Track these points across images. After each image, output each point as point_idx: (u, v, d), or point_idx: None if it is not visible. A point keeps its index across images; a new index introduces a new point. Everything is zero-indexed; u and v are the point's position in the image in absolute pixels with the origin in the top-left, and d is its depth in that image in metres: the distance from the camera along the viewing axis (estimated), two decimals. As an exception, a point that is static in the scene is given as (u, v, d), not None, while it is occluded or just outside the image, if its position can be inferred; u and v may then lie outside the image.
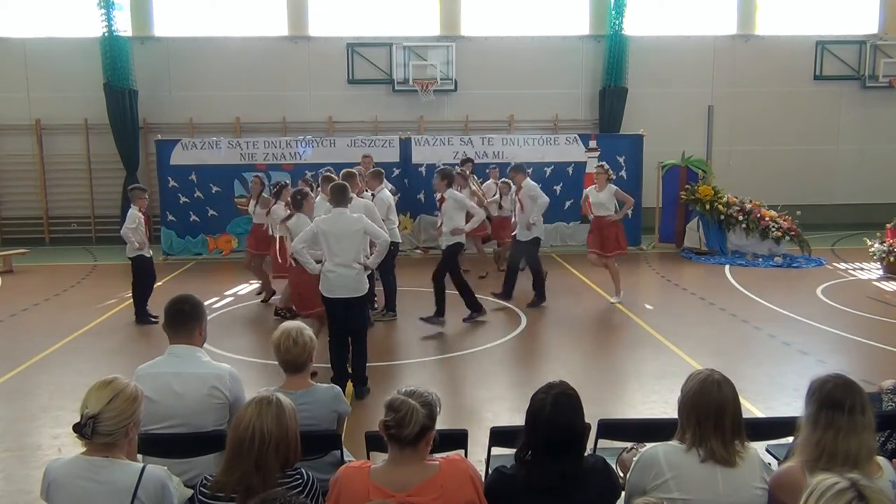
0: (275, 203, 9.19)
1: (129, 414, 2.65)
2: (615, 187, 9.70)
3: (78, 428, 2.58)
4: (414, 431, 2.57)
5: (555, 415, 2.62)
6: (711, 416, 2.70)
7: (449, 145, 14.11)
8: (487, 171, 12.29)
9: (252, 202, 10.14)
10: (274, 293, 9.73)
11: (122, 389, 2.65)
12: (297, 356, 3.55)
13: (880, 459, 2.68)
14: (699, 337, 8.16)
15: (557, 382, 2.75)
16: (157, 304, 8.29)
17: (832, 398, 2.63)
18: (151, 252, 9.04)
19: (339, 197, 6.40)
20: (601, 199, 9.57)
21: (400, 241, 9.02)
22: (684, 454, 2.72)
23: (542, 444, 2.62)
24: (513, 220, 10.17)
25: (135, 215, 8.66)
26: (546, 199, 9.53)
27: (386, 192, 8.80)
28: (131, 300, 9.16)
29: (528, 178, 9.70)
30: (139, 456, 2.98)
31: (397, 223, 9.19)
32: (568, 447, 2.63)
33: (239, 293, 10.63)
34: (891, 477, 2.63)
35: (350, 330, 6.40)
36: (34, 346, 7.93)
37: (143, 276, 8.89)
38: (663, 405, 5.85)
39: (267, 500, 2.11)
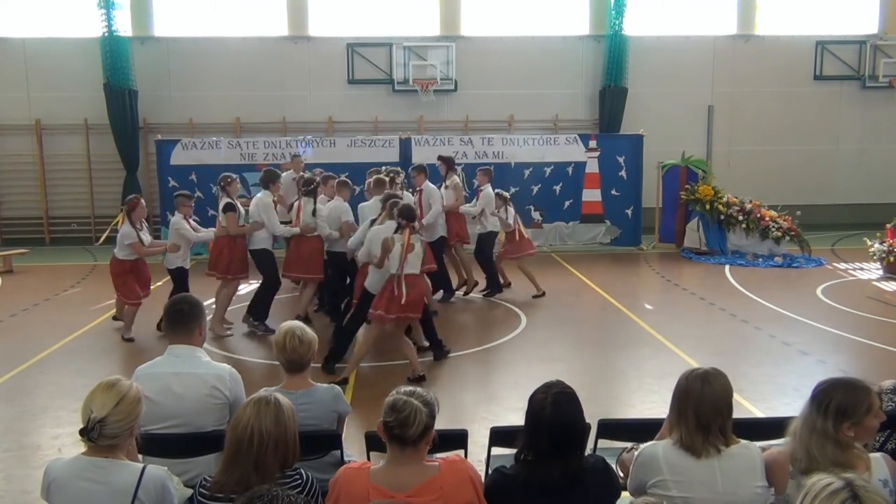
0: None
1: (133, 416, 2.67)
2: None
3: (85, 432, 2.58)
4: (418, 431, 2.58)
5: (556, 414, 2.63)
6: (675, 404, 2.80)
7: (449, 145, 14.08)
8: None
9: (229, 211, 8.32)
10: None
11: (126, 392, 2.66)
12: (303, 355, 3.55)
13: (872, 456, 2.70)
14: (699, 337, 8.16)
15: (555, 382, 2.77)
16: (155, 306, 8.25)
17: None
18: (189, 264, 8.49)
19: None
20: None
21: None
22: (673, 449, 2.74)
23: (544, 444, 2.63)
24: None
25: (181, 223, 8.17)
26: (439, 208, 9.30)
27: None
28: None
29: (429, 182, 9.49)
30: (140, 456, 2.98)
31: None
32: (570, 446, 2.64)
33: (238, 293, 10.60)
34: (880, 476, 2.64)
35: None
36: (34, 346, 7.93)
37: (178, 290, 7.97)
38: (663, 405, 5.80)
39: (255, 497, 2.10)
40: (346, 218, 8.37)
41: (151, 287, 8.77)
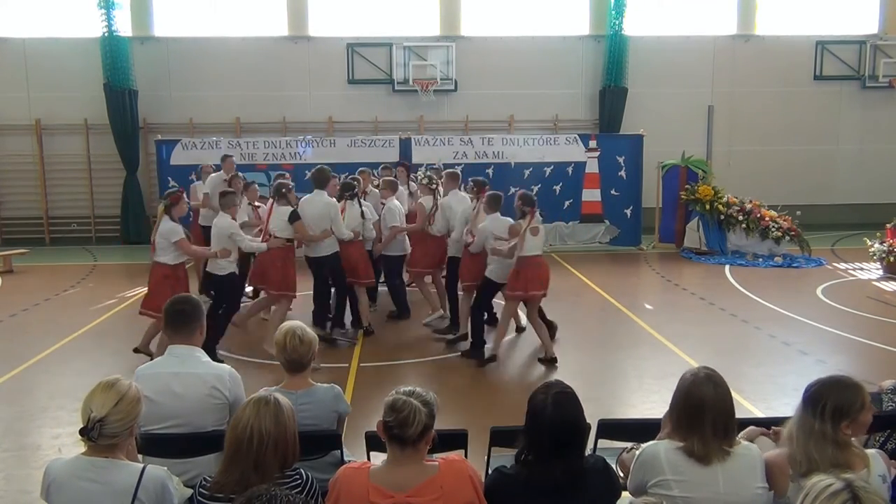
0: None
1: (133, 416, 2.67)
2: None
3: (85, 431, 2.58)
4: (417, 431, 2.57)
5: (557, 414, 2.63)
6: (686, 414, 2.76)
7: (449, 145, 14.11)
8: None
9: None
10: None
11: (125, 391, 2.66)
12: (303, 355, 3.55)
13: (869, 452, 2.70)
14: (699, 337, 8.16)
15: (555, 382, 2.77)
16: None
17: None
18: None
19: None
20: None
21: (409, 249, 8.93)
22: (676, 450, 2.74)
23: (545, 444, 2.62)
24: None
25: (235, 228, 7.26)
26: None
27: (395, 202, 8.73)
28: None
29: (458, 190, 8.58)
30: (140, 456, 2.98)
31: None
32: (570, 446, 2.64)
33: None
34: (879, 471, 2.64)
35: None
36: (34, 346, 7.93)
37: (229, 299, 7.40)
38: (663, 405, 5.77)
39: (255, 497, 2.10)
40: (374, 218, 8.40)
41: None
